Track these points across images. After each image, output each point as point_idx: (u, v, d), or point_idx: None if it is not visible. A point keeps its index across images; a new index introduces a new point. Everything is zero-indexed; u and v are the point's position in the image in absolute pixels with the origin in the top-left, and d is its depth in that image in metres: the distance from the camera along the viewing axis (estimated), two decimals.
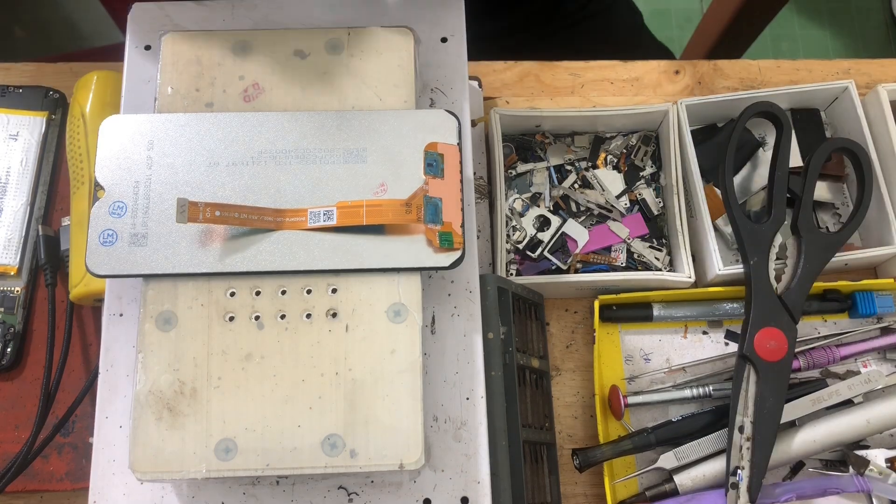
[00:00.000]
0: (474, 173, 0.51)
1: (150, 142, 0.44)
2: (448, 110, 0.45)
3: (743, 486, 0.52)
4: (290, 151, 0.44)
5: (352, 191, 0.43)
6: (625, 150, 0.65)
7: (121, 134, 0.44)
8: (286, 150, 0.44)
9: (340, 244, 0.43)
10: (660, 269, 0.61)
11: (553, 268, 0.61)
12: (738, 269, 0.58)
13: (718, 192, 0.62)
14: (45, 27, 1.55)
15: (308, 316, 0.42)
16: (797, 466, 0.57)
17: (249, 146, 0.44)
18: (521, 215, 0.63)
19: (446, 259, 0.43)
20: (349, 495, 0.44)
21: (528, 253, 0.62)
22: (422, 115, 0.45)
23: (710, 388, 0.58)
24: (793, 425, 0.56)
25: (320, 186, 0.43)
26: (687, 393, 0.58)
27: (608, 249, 0.62)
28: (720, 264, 0.58)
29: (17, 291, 0.60)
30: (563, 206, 0.64)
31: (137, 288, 0.43)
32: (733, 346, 0.61)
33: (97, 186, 0.43)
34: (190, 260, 0.42)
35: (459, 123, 0.45)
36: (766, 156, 0.65)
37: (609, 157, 0.65)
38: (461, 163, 0.45)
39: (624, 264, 0.62)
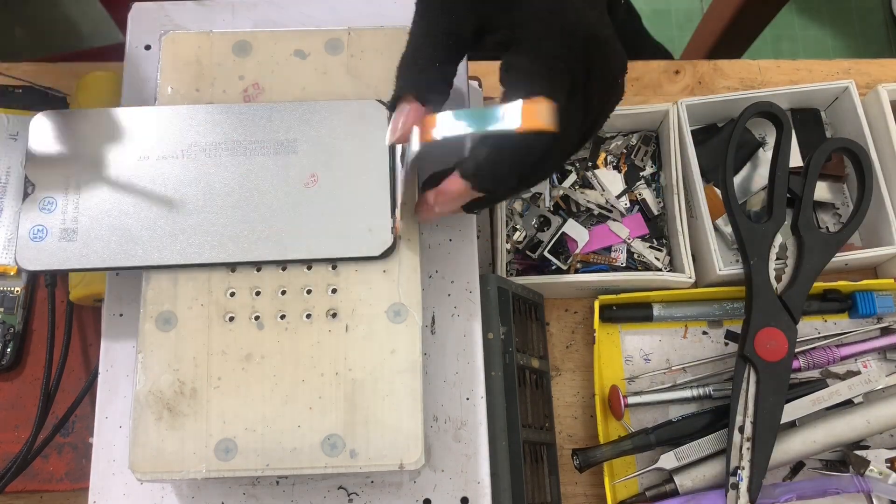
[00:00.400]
0: None
1: (80, 137, 0.44)
2: (379, 100, 0.45)
3: (743, 487, 0.52)
4: (221, 144, 0.44)
5: (282, 182, 0.43)
6: (625, 150, 0.65)
7: (51, 130, 0.44)
8: (216, 142, 0.44)
9: (269, 236, 0.43)
10: (660, 269, 0.61)
11: (553, 268, 0.61)
12: (738, 269, 0.58)
13: (718, 192, 0.62)
14: (45, 27, 1.54)
15: (308, 316, 0.42)
16: (797, 466, 0.57)
17: (180, 139, 0.44)
18: (521, 215, 0.63)
19: (377, 248, 0.43)
20: (349, 495, 0.44)
21: (528, 253, 0.62)
22: (353, 105, 0.45)
23: (710, 388, 0.58)
24: (793, 425, 0.56)
25: (251, 178, 0.43)
26: (687, 393, 0.58)
27: (608, 249, 0.62)
28: (720, 264, 0.58)
29: (17, 291, 0.60)
30: (563, 206, 0.64)
31: (137, 288, 0.43)
32: (733, 346, 0.61)
33: (27, 182, 0.43)
34: (119, 254, 0.42)
35: (389, 112, 0.45)
36: (766, 156, 0.65)
37: (609, 157, 0.65)
38: (391, 155, 0.44)
39: (624, 264, 0.62)
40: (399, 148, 0.44)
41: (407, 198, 0.43)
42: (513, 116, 0.36)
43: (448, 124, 0.38)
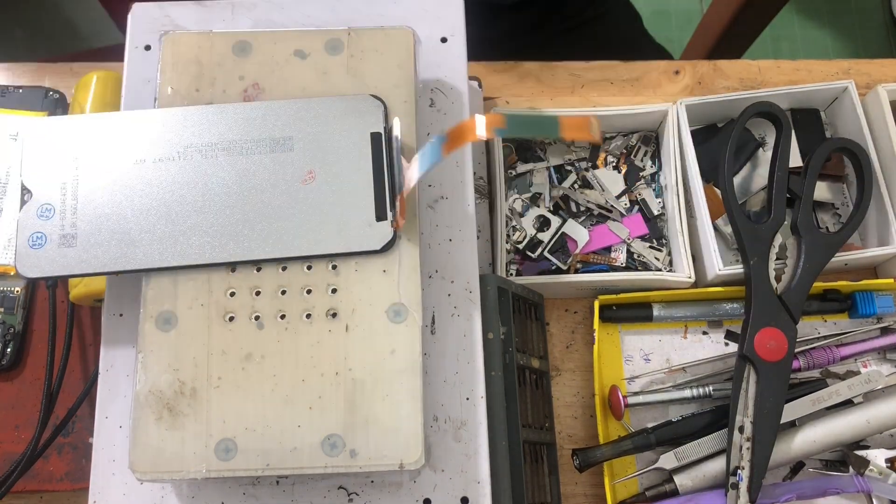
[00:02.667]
0: (474, 173, 0.52)
1: (76, 143, 0.44)
2: (374, 95, 0.45)
3: (743, 487, 0.52)
4: (216, 144, 0.44)
5: (279, 180, 0.43)
6: (625, 150, 0.65)
7: (46, 137, 0.44)
8: (212, 143, 0.44)
9: (268, 235, 0.43)
10: (660, 269, 0.61)
11: (553, 268, 0.61)
12: (738, 269, 0.58)
13: (718, 192, 0.62)
14: (45, 27, 1.55)
15: (308, 316, 0.42)
16: (797, 466, 0.57)
17: (175, 142, 0.44)
18: (521, 215, 0.63)
19: (378, 242, 0.43)
20: (349, 495, 0.44)
21: (528, 253, 0.62)
22: (347, 101, 0.45)
23: (710, 388, 0.58)
24: (793, 425, 0.56)
25: (247, 177, 0.43)
26: (687, 393, 0.58)
27: (608, 249, 0.62)
28: (720, 264, 0.58)
29: (17, 291, 0.60)
30: (563, 207, 0.64)
31: (137, 288, 0.43)
32: (733, 346, 0.61)
33: (24, 190, 0.43)
34: (119, 258, 0.42)
35: (385, 108, 0.45)
36: (766, 156, 0.65)
37: (609, 157, 0.65)
38: (388, 148, 0.44)
39: (624, 264, 0.62)
40: (396, 140, 0.44)
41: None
42: (556, 125, 0.38)
43: (511, 124, 0.38)
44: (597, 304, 0.59)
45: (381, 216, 0.43)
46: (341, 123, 0.45)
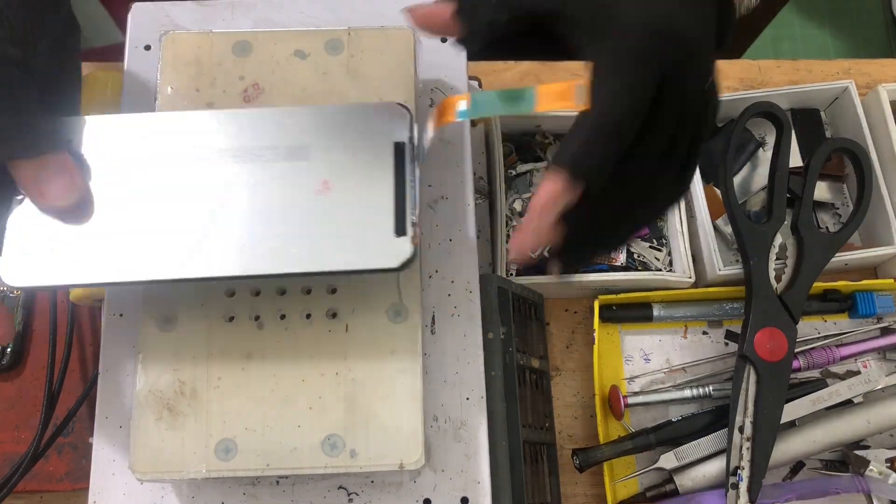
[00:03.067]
0: (474, 173, 0.52)
1: (80, 146, 0.41)
2: (400, 103, 0.42)
3: (743, 487, 0.52)
4: (230, 151, 0.41)
5: (293, 189, 0.40)
6: None
7: None
8: (226, 149, 0.41)
9: (278, 248, 0.39)
10: (660, 269, 0.61)
11: None
12: (738, 269, 0.58)
13: (718, 192, 0.62)
14: None
15: (308, 316, 0.42)
16: (797, 466, 0.57)
17: (181, 147, 0.41)
18: (521, 215, 0.63)
19: (396, 259, 0.39)
20: (349, 495, 0.44)
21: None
22: (371, 108, 0.43)
23: (710, 388, 0.58)
24: (793, 425, 0.56)
25: (261, 186, 0.40)
26: (687, 393, 0.58)
27: None
28: (720, 264, 0.58)
29: (18, 291, 0.60)
30: None
31: (138, 288, 0.43)
32: (733, 346, 0.61)
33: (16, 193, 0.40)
34: (110, 269, 0.39)
35: (412, 116, 0.42)
36: (766, 156, 0.65)
37: None
38: (409, 158, 0.41)
39: (624, 264, 0.62)
40: (421, 149, 0.41)
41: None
42: (532, 97, 0.35)
43: (469, 106, 0.36)
44: (597, 304, 0.59)
45: (400, 231, 0.39)
46: (362, 131, 0.42)
